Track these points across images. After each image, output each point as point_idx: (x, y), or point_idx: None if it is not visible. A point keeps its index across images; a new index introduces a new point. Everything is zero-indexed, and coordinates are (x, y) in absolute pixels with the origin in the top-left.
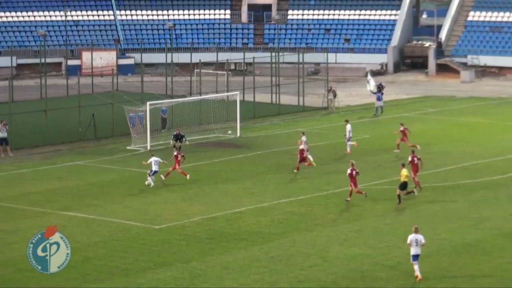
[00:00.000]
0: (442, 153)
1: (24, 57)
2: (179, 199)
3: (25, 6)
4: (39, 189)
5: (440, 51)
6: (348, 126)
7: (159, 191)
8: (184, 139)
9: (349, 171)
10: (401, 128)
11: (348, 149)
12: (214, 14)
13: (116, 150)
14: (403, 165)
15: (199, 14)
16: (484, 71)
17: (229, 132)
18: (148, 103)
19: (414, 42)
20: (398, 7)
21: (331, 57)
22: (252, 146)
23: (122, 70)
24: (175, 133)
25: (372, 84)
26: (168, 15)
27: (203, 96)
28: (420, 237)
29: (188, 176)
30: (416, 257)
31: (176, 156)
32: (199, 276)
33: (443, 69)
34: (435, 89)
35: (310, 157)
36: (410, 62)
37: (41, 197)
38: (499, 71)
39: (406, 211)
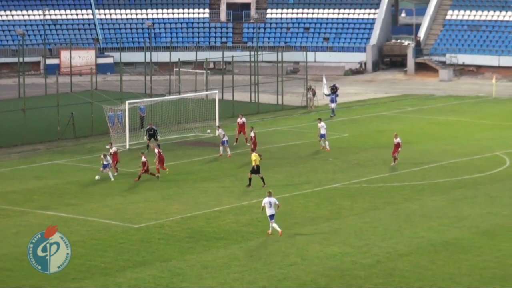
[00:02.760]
0: (421, 152)
1: (2, 56)
2: (159, 198)
3: (2, 5)
4: (18, 188)
5: (418, 50)
6: (322, 124)
7: (138, 190)
8: (156, 134)
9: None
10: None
11: (327, 146)
12: (193, 13)
13: (95, 149)
14: (253, 150)
15: (178, 13)
16: (462, 70)
17: (208, 131)
18: (127, 102)
19: (393, 40)
20: (377, 6)
21: (310, 56)
22: (231, 145)
23: (101, 69)
24: (147, 127)
25: (325, 87)
26: (147, 14)
27: (182, 95)
28: (273, 200)
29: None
30: (272, 216)
31: (159, 152)
32: (178, 275)
33: (421, 67)
34: (414, 87)
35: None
36: (389, 60)
37: (19, 196)
38: (477, 70)
39: (385, 210)
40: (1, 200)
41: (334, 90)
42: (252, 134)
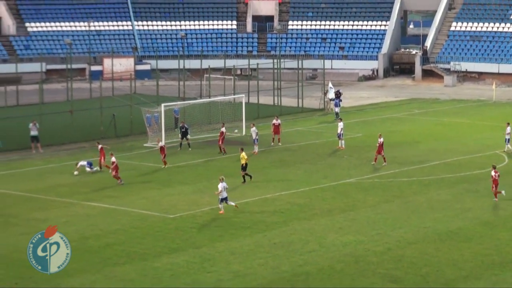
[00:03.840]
0: (427, 150)
1: (53, 64)
2: (191, 191)
3: (53, 17)
4: (66, 182)
5: (425, 58)
6: (341, 124)
7: (173, 183)
8: (187, 133)
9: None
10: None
11: (342, 145)
12: (222, 25)
13: (134, 147)
14: (242, 149)
15: (209, 25)
16: (465, 76)
17: (236, 131)
18: (162, 104)
19: (402, 50)
20: (387, 18)
21: (327, 63)
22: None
23: (139, 75)
24: (180, 125)
25: (331, 92)
26: (180, 25)
27: (212, 99)
28: (225, 184)
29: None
30: (226, 198)
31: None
32: (209, 260)
33: (428, 74)
34: (421, 92)
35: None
36: (398, 68)
37: (68, 189)
38: (479, 76)
39: (395, 202)
40: (51, 192)
41: (338, 95)
42: (223, 130)
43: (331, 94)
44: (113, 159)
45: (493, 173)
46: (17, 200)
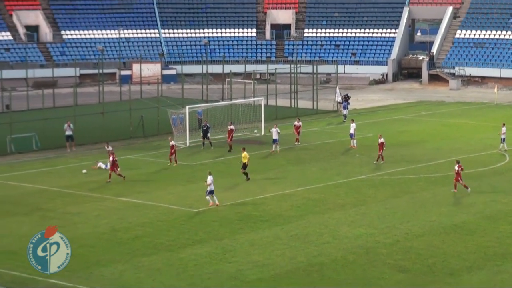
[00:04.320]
0: (433, 149)
1: (86, 68)
2: (214, 186)
3: (86, 25)
4: (98, 179)
5: (432, 63)
6: (353, 125)
7: (197, 180)
8: (208, 132)
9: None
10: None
11: (354, 144)
12: (243, 32)
13: (160, 146)
14: (244, 149)
15: (230, 32)
16: (469, 80)
17: (255, 131)
18: (187, 106)
19: (410, 55)
20: (396, 26)
21: (340, 68)
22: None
23: (166, 79)
24: (203, 124)
25: (339, 95)
26: (204, 33)
27: (233, 101)
28: (212, 177)
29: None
30: (213, 191)
31: (173, 146)
32: (230, 251)
33: (434, 78)
34: (427, 95)
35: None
36: (406, 72)
37: (99, 185)
38: (482, 80)
39: (403, 198)
40: (84, 188)
41: (346, 98)
42: (230, 127)
43: (339, 98)
44: (111, 158)
45: (456, 167)
46: (53, 195)
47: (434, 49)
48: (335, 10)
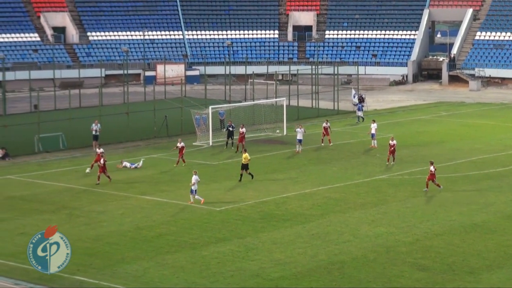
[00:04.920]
0: (453, 149)
1: (111, 69)
2: (236, 186)
3: (111, 27)
4: (123, 178)
5: (452, 65)
6: (374, 125)
7: (219, 179)
8: (233, 133)
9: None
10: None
11: (375, 144)
12: (265, 34)
13: (184, 146)
14: (245, 150)
15: (253, 34)
16: (488, 81)
17: (277, 131)
18: (210, 107)
19: (430, 57)
20: (416, 28)
21: (361, 69)
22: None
23: (189, 80)
24: (228, 124)
25: (354, 97)
26: (227, 34)
27: (256, 102)
28: (198, 177)
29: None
30: (195, 190)
31: (179, 148)
32: (252, 249)
33: (454, 79)
34: (447, 96)
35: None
36: (426, 73)
37: (124, 184)
38: (502, 81)
39: (423, 197)
40: (109, 186)
41: (361, 100)
42: (242, 130)
43: (355, 99)
44: (102, 160)
45: (432, 168)
46: (79, 193)
47: (454, 51)
48: (356, 12)
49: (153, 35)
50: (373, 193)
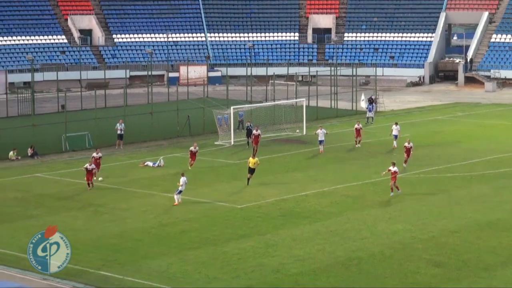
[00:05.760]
0: (469, 149)
1: (135, 70)
2: (257, 184)
3: (136, 30)
4: (146, 176)
5: (467, 66)
6: (397, 127)
7: (241, 177)
8: (251, 132)
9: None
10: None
11: (395, 144)
12: (286, 36)
13: (206, 145)
14: (254, 156)
15: (273, 36)
16: (504, 83)
17: (297, 131)
18: (232, 107)
19: (446, 59)
20: (433, 30)
21: (379, 71)
22: (315, 142)
23: (211, 81)
24: (247, 124)
25: (364, 101)
26: (248, 37)
27: (276, 102)
28: (186, 179)
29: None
30: (181, 192)
31: (192, 152)
32: (272, 245)
33: (470, 81)
34: (463, 97)
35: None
36: (443, 75)
37: (148, 181)
38: None
39: (439, 195)
40: (134, 184)
41: (371, 101)
42: (256, 132)
43: (364, 104)
44: (89, 166)
45: (395, 168)
46: (104, 191)
47: (470, 53)
48: (374, 15)
49: (176, 37)
50: (390, 191)
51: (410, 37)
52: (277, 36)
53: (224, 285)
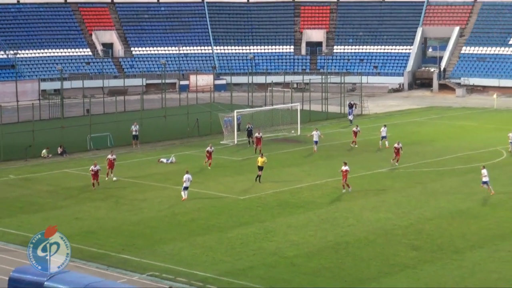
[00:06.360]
0: (442, 147)
1: (151, 79)
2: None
3: (151, 43)
4: (160, 171)
5: (441, 75)
6: (385, 128)
7: (243, 172)
8: (252, 133)
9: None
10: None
11: (387, 145)
12: (282, 49)
13: (213, 144)
14: (262, 155)
15: (272, 49)
16: (472, 89)
17: (292, 131)
18: (235, 111)
19: (423, 68)
20: (411, 43)
21: (364, 79)
22: (309, 141)
23: (217, 88)
24: (247, 125)
25: (352, 114)
26: (249, 49)
27: (274, 106)
28: (189, 176)
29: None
30: (187, 188)
31: (208, 152)
32: (271, 231)
33: (443, 87)
34: (437, 101)
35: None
36: (420, 82)
37: (161, 176)
38: (483, 89)
39: (416, 188)
40: (149, 178)
41: (350, 106)
42: (258, 135)
43: (351, 116)
44: (97, 167)
45: (346, 168)
46: (124, 184)
47: (443, 63)
48: (360, 30)
49: (186, 50)
50: (374, 184)
51: (391, 49)
52: (275, 49)
53: (229, 266)
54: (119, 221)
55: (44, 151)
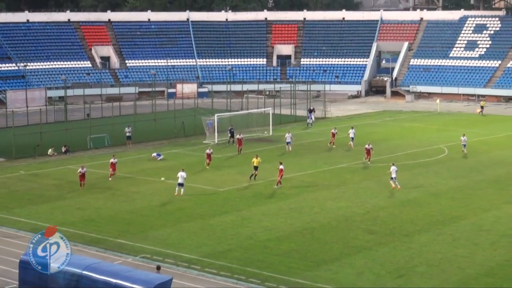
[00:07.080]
0: (394, 145)
1: (143, 87)
2: (235, 172)
3: (143, 56)
4: (151, 167)
5: (393, 83)
6: (353, 130)
7: (223, 168)
8: (234, 133)
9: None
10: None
11: (352, 145)
12: (256, 61)
13: (196, 143)
14: (257, 156)
15: (247, 61)
16: (419, 95)
17: (265, 132)
18: (216, 115)
19: (377, 77)
20: (367, 56)
21: (327, 87)
22: (279, 141)
23: (200, 95)
24: (229, 127)
25: (311, 118)
26: (228, 61)
27: (249, 111)
28: (183, 173)
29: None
30: (182, 184)
31: (208, 154)
32: (248, 219)
33: (395, 94)
34: (390, 106)
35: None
36: (375, 89)
37: (152, 171)
38: (428, 95)
39: (373, 180)
40: (141, 173)
41: (310, 110)
42: (239, 136)
43: (311, 120)
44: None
45: (281, 167)
46: (119, 178)
47: (395, 73)
48: (323, 45)
49: (173, 62)
50: (336, 177)
51: (350, 61)
52: (250, 61)
53: (210, 249)
54: (115, 210)
55: (50, 150)
